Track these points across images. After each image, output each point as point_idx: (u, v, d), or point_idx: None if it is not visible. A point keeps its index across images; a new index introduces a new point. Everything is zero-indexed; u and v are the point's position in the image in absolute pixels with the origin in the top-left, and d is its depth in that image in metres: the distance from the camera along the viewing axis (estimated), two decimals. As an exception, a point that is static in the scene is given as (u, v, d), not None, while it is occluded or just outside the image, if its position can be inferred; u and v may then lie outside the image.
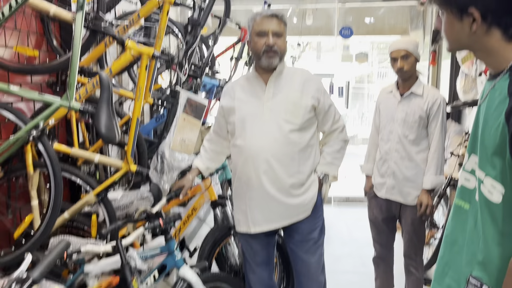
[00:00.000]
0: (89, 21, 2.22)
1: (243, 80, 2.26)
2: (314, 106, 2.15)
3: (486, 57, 1.15)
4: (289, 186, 2.14)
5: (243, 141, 2.15)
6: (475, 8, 1.08)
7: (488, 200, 1.10)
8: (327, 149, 2.28)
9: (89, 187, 2.33)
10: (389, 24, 5.73)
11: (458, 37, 1.16)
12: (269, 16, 2.08)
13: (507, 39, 1.09)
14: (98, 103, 1.83)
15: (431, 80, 5.19)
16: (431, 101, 2.65)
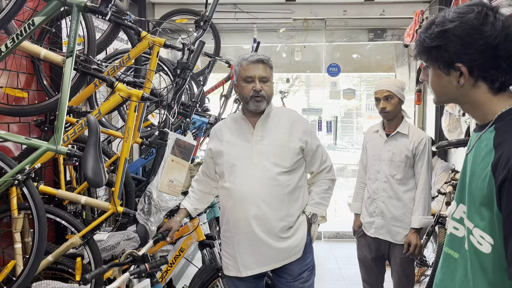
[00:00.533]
0: (79, 64, 2.25)
1: (230, 121, 2.27)
2: (302, 148, 2.16)
3: (473, 110, 1.17)
4: (278, 229, 2.11)
5: (232, 184, 2.13)
6: (462, 64, 1.10)
7: (478, 250, 1.11)
8: (315, 189, 2.27)
9: (74, 229, 2.30)
10: (376, 61, 5.88)
11: (445, 90, 1.17)
12: (255, 61, 2.10)
13: (493, 92, 1.12)
14: (86, 147, 1.83)
15: (417, 118, 5.29)
16: (417, 141, 2.69)
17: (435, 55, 1.14)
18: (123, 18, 2.40)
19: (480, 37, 1.07)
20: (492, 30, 1.07)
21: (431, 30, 1.14)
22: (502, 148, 1.05)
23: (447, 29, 1.10)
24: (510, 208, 1.01)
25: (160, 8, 5.06)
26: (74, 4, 1.87)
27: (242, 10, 5.09)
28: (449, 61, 1.12)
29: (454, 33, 1.09)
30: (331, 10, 5.19)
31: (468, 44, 1.08)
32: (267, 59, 2.13)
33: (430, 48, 1.14)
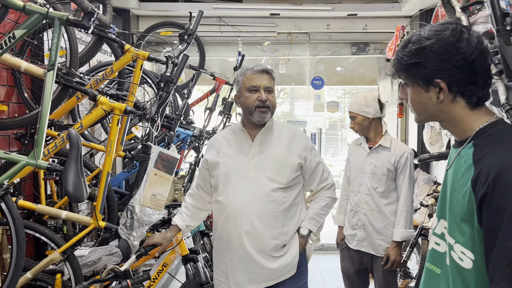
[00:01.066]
0: (61, 77, 2.23)
1: (229, 133, 2.19)
2: (301, 164, 2.08)
3: (452, 126, 1.19)
4: (271, 248, 2.02)
5: (225, 197, 2.06)
6: (441, 79, 1.12)
7: (460, 266, 1.12)
8: (312, 205, 2.18)
9: (54, 245, 2.25)
10: (359, 74, 5.96)
11: (425, 107, 1.18)
12: (260, 71, 2.05)
13: (471, 108, 1.14)
14: (67, 161, 1.80)
15: (399, 131, 5.36)
16: (399, 154, 2.73)
17: (414, 72, 1.15)
18: (106, 31, 2.39)
19: (457, 53, 1.10)
20: (467, 46, 1.10)
21: (408, 48, 1.16)
22: (482, 164, 1.07)
23: (424, 46, 1.12)
24: (490, 224, 1.02)
25: (144, 20, 5.07)
26: (56, 17, 1.86)
27: (226, 24, 5.12)
28: (428, 77, 1.13)
29: (432, 50, 1.11)
30: (315, 24, 5.26)
31: (446, 60, 1.10)
32: (271, 71, 2.09)
33: (409, 65, 1.15)
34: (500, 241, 1.00)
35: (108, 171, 2.32)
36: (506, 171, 1.01)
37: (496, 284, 1.00)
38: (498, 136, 1.11)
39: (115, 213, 2.67)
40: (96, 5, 2.32)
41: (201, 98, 4.41)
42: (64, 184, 1.77)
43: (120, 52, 2.70)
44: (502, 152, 1.06)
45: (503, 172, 1.01)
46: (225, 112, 4.16)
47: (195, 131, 3.70)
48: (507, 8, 2.05)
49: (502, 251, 1.00)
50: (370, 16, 5.13)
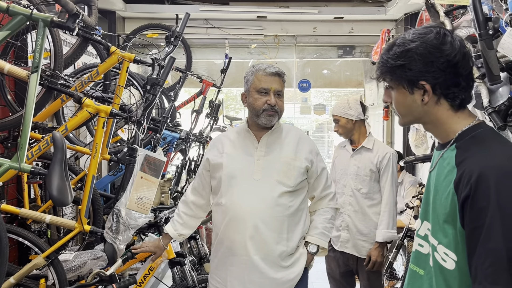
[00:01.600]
0: (45, 79, 2.20)
1: (232, 134, 2.11)
2: (308, 168, 2.01)
3: (435, 129, 1.20)
4: (277, 255, 1.92)
5: (228, 200, 1.96)
6: (425, 81, 1.13)
7: (443, 267, 1.13)
8: (317, 218, 2.08)
9: (38, 249, 2.22)
10: (345, 77, 6.00)
11: (410, 109, 1.19)
12: (273, 73, 1.96)
13: (454, 110, 1.16)
14: (51, 164, 1.78)
15: (385, 133, 5.41)
16: (381, 155, 2.77)
17: (399, 74, 1.16)
18: (91, 33, 2.37)
19: (441, 55, 1.11)
20: (451, 49, 1.12)
21: (392, 51, 1.17)
22: (464, 166, 1.08)
23: (409, 49, 1.14)
24: (472, 225, 1.04)
25: (130, 22, 5.03)
26: (40, 19, 1.84)
27: (213, 26, 5.11)
28: (413, 79, 1.14)
29: (417, 52, 1.13)
30: (301, 27, 5.28)
31: (430, 62, 1.12)
32: (283, 73, 2.01)
33: (394, 67, 1.17)
34: (482, 242, 1.01)
35: (94, 174, 2.30)
36: (488, 173, 1.03)
37: (479, 284, 1.02)
38: (480, 138, 1.12)
39: (100, 217, 2.64)
40: (81, 7, 2.29)
41: (188, 101, 4.39)
42: (48, 188, 1.74)
43: (105, 54, 2.68)
44: (484, 154, 1.08)
45: (485, 174, 1.03)
46: (212, 114, 4.14)
47: (181, 133, 3.69)
48: (490, 13, 2.09)
49: (484, 252, 1.01)
50: (356, 19, 5.17)
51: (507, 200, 1.01)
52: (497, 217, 1.00)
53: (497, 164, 1.05)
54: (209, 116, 4.14)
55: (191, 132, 3.81)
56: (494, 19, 1.64)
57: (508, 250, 1.00)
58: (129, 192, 2.23)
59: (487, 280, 1.00)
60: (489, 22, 1.63)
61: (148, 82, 2.33)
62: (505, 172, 1.04)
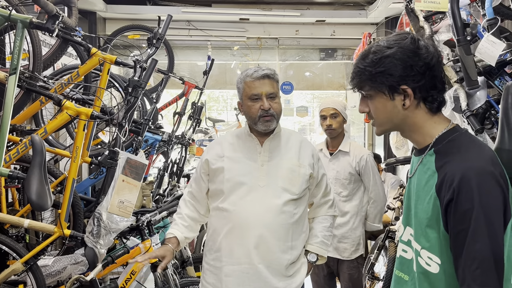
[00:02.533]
0: (24, 81, 2.16)
1: (232, 137, 2.03)
2: (311, 174, 1.96)
3: (413, 134, 1.21)
4: (282, 264, 1.86)
5: (232, 205, 1.87)
6: (407, 86, 1.14)
7: (427, 271, 1.14)
8: (317, 226, 2.05)
9: (16, 254, 2.17)
10: (327, 80, 6.05)
11: (390, 116, 1.19)
12: (260, 77, 1.88)
13: (432, 114, 1.17)
14: (30, 168, 1.75)
15: (367, 136, 5.48)
16: (358, 156, 2.82)
17: (380, 81, 1.16)
18: (71, 34, 2.34)
19: (419, 59, 1.13)
20: (427, 53, 1.14)
21: (369, 59, 1.17)
22: (445, 170, 1.10)
23: (388, 54, 1.14)
24: (457, 228, 1.05)
25: (111, 23, 4.97)
26: (18, 20, 1.80)
27: (196, 28, 5.10)
28: (394, 84, 1.15)
29: (396, 57, 1.14)
30: (284, 30, 5.31)
31: (410, 67, 1.13)
32: (273, 73, 1.92)
33: (374, 74, 1.16)
34: (468, 244, 1.03)
35: (74, 177, 2.26)
36: (469, 176, 1.05)
37: (467, 286, 1.03)
38: (457, 142, 1.14)
39: (81, 221, 2.60)
40: (61, 8, 2.26)
41: (170, 102, 4.35)
42: (27, 192, 1.71)
43: (86, 56, 2.64)
44: (464, 158, 1.10)
45: (467, 177, 1.05)
46: (195, 116, 4.13)
47: (163, 136, 3.66)
48: (468, 18, 2.13)
49: (471, 254, 1.03)
50: (338, 22, 5.22)
51: (490, 201, 1.04)
52: (482, 219, 1.02)
53: (478, 166, 1.07)
54: (191, 118, 4.13)
55: (173, 134, 3.79)
56: (472, 25, 1.68)
57: (494, 251, 1.01)
58: (110, 195, 2.21)
59: (475, 282, 1.02)
60: (467, 28, 1.67)
61: (129, 84, 2.31)
62: (486, 173, 1.06)
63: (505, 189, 1.07)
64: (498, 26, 1.79)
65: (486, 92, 1.93)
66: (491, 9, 1.83)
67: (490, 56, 1.67)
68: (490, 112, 1.97)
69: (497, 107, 1.90)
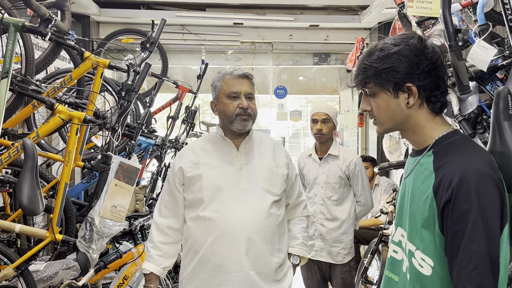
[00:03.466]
0: (16, 84, 2.15)
1: (204, 142, 1.97)
2: (288, 175, 1.95)
3: (413, 135, 1.21)
4: (272, 267, 1.83)
5: (215, 213, 1.79)
6: (412, 83, 1.14)
7: (420, 273, 1.14)
8: (295, 228, 2.03)
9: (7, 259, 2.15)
10: (321, 84, 6.08)
11: (393, 114, 1.19)
12: (241, 75, 1.86)
13: (434, 115, 1.18)
14: (21, 173, 1.74)
15: (360, 140, 5.50)
16: (348, 160, 2.84)
17: (385, 77, 1.16)
18: (64, 38, 2.33)
19: (425, 57, 1.14)
20: (433, 52, 1.15)
21: (375, 56, 1.17)
22: (443, 171, 1.10)
23: (395, 51, 1.15)
24: (454, 229, 1.05)
25: (105, 27, 4.96)
26: (11, 23, 1.79)
27: (190, 32, 5.10)
28: (400, 81, 1.15)
29: (403, 54, 1.14)
30: (278, 34, 5.32)
31: (416, 64, 1.14)
32: (251, 75, 1.92)
33: (380, 71, 1.16)
34: (465, 245, 1.03)
35: (66, 182, 2.25)
36: (469, 177, 1.05)
37: (463, 287, 1.02)
38: (456, 144, 1.15)
39: (73, 225, 2.58)
40: (54, 11, 2.25)
41: (164, 106, 4.34)
42: (19, 197, 1.70)
43: (79, 60, 2.63)
44: (463, 159, 1.10)
45: (466, 178, 1.05)
46: (188, 120, 4.12)
47: (157, 140, 3.64)
48: (460, 24, 2.15)
49: (468, 255, 1.02)
50: (331, 27, 5.24)
51: (488, 203, 1.04)
52: (479, 220, 1.02)
53: (477, 169, 1.07)
54: (185, 122, 4.12)
55: (167, 138, 3.78)
56: (463, 31, 1.70)
57: (491, 253, 1.01)
58: (103, 200, 2.20)
59: (471, 283, 1.01)
60: (458, 33, 1.68)
61: (123, 89, 2.30)
62: (485, 176, 1.06)
63: (503, 193, 1.07)
64: (489, 31, 1.81)
65: (478, 97, 1.94)
66: (483, 15, 1.85)
67: (481, 61, 1.69)
68: (482, 117, 1.99)
69: (489, 112, 1.92)
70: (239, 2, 4.92)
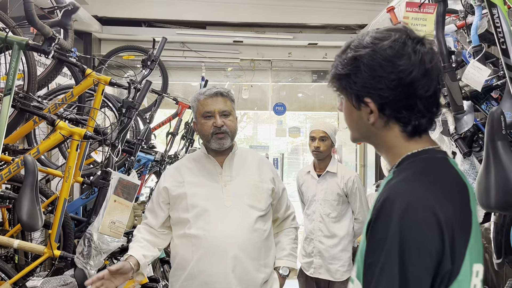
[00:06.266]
0: (18, 101, 2.18)
1: (188, 161, 2.01)
2: (273, 189, 1.97)
3: (385, 152, 1.02)
4: (258, 283, 1.85)
5: (201, 231, 1.83)
6: (371, 99, 0.95)
7: None
8: (283, 239, 2.06)
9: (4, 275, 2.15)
10: (319, 101, 6.12)
11: (357, 127, 1.02)
12: (213, 94, 1.89)
13: (406, 136, 0.97)
14: (21, 188, 1.75)
15: (358, 157, 5.53)
16: (346, 177, 2.86)
17: (345, 85, 0.98)
18: (66, 55, 2.37)
19: (392, 70, 0.92)
20: (407, 63, 0.91)
21: (345, 55, 0.99)
22: (384, 190, 0.93)
23: (358, 56, 0.95)
24: (369, 259, 0.88)
25: (106, 44, 5.02)
26: (15, 42, 1.83)
27: (190, 49, 5.16)
28: (358, 94, 0.96)
29: (364, 62, 0.94)
30: (277, 52, 5.39)
31: (379, 78, 0.93)
32: (226, 92, 1.93)
33: (340, 76, 0.99)
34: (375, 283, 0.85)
35: (66, 197, 2.26)
36: (395, 197, 0.87)
37: None
38: (416, 164, 0.95)
39: (71, 241, 2.58)
40: (57, 30, 2.29)
41: (164, 122, 4.37)
42: (18, 213, 1.71)
43: (81, 76, 2.67)
44: (408, 179, 0.91)
45: (391, 199, 0.87)
46: (188, 136, 4.14)
47: (156, 155, 3.66)
48: (455, 44, 2.20)
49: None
50: (330, 45, 5.31)
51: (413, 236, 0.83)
52: (395, 255, 0.83)
53: (412, 190, 0.88)
54: (184, 138, 4.14)
55: (166, 154, 3.79)
56: (456, 53, 1.74)
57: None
58: (102, 216, 2.20)
59: None
60: (452, 55, 1.72)
61: (124, 105, 2.33)
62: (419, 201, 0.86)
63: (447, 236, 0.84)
64: (483, 52, 1.85)
65: (473, 116, 1.97)
66: (477, 37, 1.90)
67: (476, 81, 1.73)
68: (478, 135, 2.02)
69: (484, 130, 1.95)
70: (239, 21, 5.00)
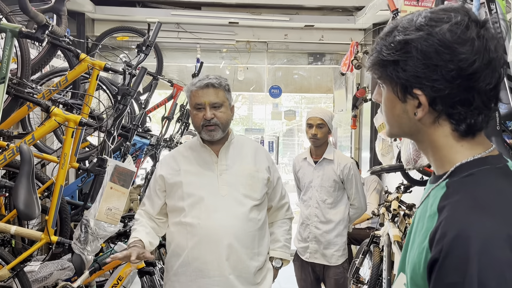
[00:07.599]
0: (12, 87, 2.16)
1: (185, 150, 2.02)
2: (269, 178, 1.99)
3: (431, 152, 0.87)
4: (251, 271, 1.88)
5: (196, 219, 1.85)
6: (422, 92, 0.80)
7: None
8: (277, 230, 2.08)
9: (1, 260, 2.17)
10: (315, 83, 6.11)
11: (399, 121, 0.88)
12: (203, 86, 1.87)
13: (457, 136, 0.82)
14: (17, 177, 1.76)
15: (353, 141, 5.55)
16: (342, 164, 2.88)
17: (390, 73, 0.84)
18: (60, 40, 2.34)
19: (451, 59, 0.77)
20: (470, 51, 0.77)
21: (391, 38, 0.84)
22: (444, 215, 0.78)
23: (409, 40, 0.80)
24: None
25: (100, 24, 4.95)
26: (8, 29, 1.80)
27: (185, 30, 5.10)
28: (406, 84, 0.82)
29: (418, 47, 0.79)
30: (273, 34, 5.34)
31: (434, 67, 0.78)
32: (218, 82, 1.89)
33: (386, 62, 0.84)
34: None
35: (62, 184, 2.26)
36: (468, 234, 0.72)
37: None
38: (477, 179, 0.80)
39: (68, 226, 2.60)
40: (50, 15, 2.25)
41: (159, 105, 4.35)
42: (15, 202, 1.72)
43: (75, 60, 2.64)
44: (472, 205, 0.76)
45: (464, 237, 0.72)
46: (183, 119, 4.13)
47: (152, 139, 3.66)
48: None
49: None
50: (326, 27, 5.27)
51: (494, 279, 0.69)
52: None
53: (489, 224, 0.72)
54: (180, 121, 4.13)
55: (162, 138, 3.79)
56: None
57: None
58: (98, 203, 2.22)
59: None
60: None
61: (119, 92, 2.31)
62: (497, 237, 0.71)
63: None
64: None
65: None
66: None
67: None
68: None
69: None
70: (234, 2, 4.92)
